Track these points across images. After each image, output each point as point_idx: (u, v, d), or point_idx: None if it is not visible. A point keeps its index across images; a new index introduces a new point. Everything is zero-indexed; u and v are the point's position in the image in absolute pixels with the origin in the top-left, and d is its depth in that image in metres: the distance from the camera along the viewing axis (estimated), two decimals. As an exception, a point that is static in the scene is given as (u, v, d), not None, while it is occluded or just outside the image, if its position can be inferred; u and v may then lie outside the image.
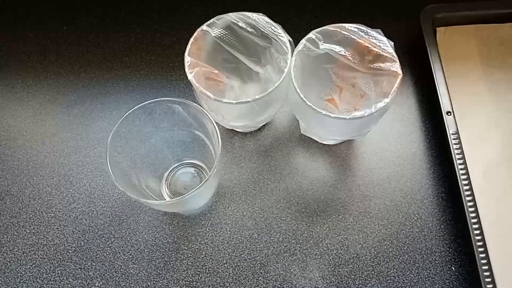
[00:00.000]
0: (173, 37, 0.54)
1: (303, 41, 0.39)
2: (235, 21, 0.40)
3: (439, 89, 0.46)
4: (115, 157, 0.36)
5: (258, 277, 0.42)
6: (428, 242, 0.43)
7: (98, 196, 0.46)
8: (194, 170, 0.46)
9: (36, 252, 0.43)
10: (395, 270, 0.42)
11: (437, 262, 0.42)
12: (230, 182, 0.46)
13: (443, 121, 0.44)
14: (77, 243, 0.44)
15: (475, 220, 0.40)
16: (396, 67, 0.37)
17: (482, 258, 0.39)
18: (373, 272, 0.42)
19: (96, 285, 0.42)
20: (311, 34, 0.39)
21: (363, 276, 0.42)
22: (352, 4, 0.56)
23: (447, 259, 0.42)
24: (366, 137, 0.48)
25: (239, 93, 0.47)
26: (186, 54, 0.39)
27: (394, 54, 0.37)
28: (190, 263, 0.42)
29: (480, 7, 0.51)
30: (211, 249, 0.43)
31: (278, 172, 0.47)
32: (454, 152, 0.43)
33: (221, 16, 0.40)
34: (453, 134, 0.44)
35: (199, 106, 0.37)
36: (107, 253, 0.43)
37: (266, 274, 0.42)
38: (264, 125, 0.49)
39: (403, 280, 0.41)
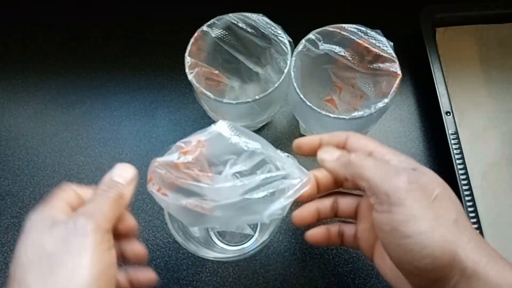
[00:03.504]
0: (173, 38, 0.55)
1: (302, 41, 0.39)
2: (235, 22, 0.40)
3: (438, 89, 0.46)
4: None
5: (258, 277, 0.42)
6: (428, 241, 0.43)
7: (98, 196, 0.46)
8: None
9: (37, 251, 0.43)
10: (394, 270, 0.42)
11: (436, 261, 0.42)
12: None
13: (442, 121, 0.44)
14: (78, 243, 0.44)
15: (474, 220, 0.40)
16: (396, 67, 0.37)
17: (481, 258, 0.39)
18: (372, 272, 0.42)
19: (97, 284, 0.42)
20: (311, 35, 0.39)
21: (362, 275, 0.42)
22: (351, 5, 0.56)
23: (447, 259, 0.42)
24: (366, 137, 0.48)
25: (239, 93, 0.48)
26: (186, 54, 0.39)
27: (394, 54, 0.37)
28: (190, 263, 0.43)
29: (480, 8, 0.51)
30: (211, 248, 0.43)
31: (278, 172, 0.47)
32: (454, 152, 0.43)
33: (221, 16, 0.40)
34: (452, 134, 0.44)
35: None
36: (108, 252, 0.43)
37: (266, 273, 0.42)
38: (264, 125, 0.49)
39: (403, 280, 0.41)
